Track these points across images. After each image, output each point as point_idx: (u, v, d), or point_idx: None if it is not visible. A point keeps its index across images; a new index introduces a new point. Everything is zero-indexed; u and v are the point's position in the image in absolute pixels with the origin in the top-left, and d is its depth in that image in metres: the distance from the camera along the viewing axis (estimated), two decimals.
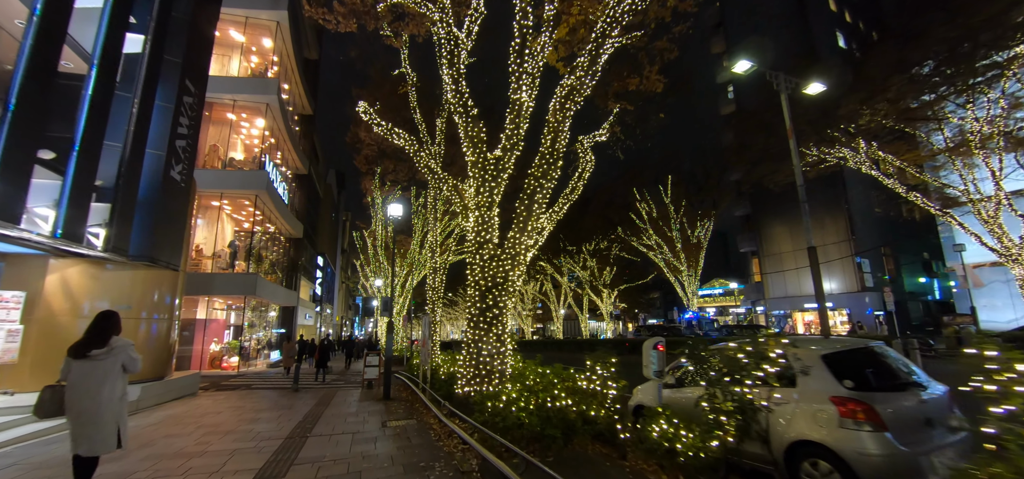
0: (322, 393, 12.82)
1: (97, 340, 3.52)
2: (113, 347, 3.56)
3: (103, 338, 3.55)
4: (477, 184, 8.21)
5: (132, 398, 9.31)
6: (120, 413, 3.56)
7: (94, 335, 3.55)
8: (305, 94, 30.29)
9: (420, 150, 9.67)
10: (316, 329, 41.45)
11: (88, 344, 3.51)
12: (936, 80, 16.66)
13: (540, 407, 5.28)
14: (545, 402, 5.32)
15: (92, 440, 3.39)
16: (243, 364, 21.80)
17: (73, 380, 3.44)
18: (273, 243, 27.79)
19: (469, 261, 8.14)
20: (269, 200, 22.00)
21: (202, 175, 20.25)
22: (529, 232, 8.06)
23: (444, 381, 9.11)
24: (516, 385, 5.97)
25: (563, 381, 5.90)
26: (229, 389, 14.09)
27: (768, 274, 34.00)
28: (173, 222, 11.64)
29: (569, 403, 5.38)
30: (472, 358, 7.55)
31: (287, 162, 28.49)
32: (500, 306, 7.71)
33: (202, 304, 20.58)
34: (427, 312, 11.94)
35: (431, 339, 9.47)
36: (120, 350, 3.60)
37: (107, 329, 3.60)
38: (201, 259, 20.74)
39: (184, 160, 11.89)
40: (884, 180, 18.83)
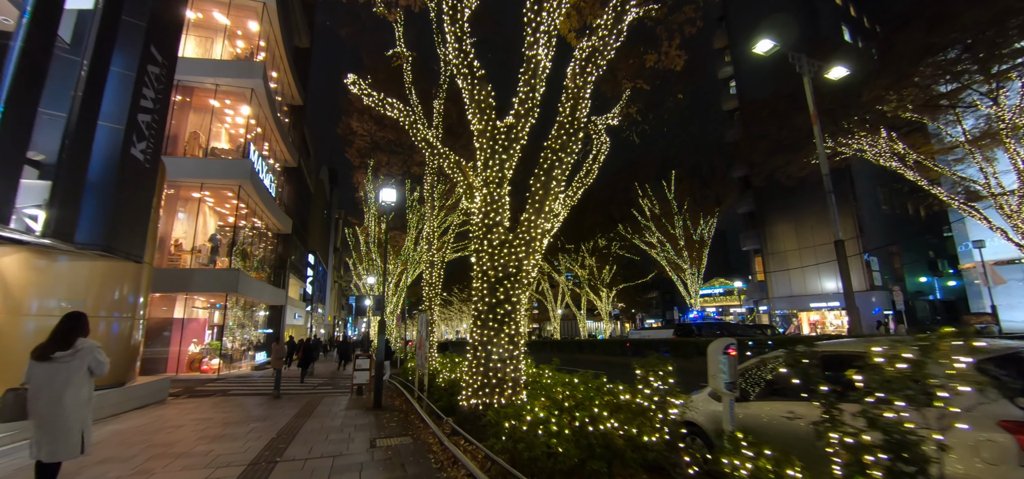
0: (306, 400, 11.41)
1: (62, 342, 3.39)
2: (78, 349, 3.43)
3: (68, 340, 3.41)
4: (485, 156, 6.89)
5: None
6: (85, 418, 3.43)
7: (59, 337, 3.41)
8: (295, 83, 28.75)
9: (416, 122, 8.34)
10: (306, 329, 39.83)
11: (52, 346, 3.38)
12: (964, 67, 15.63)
13: (578, 431, 3.96)
14: (584, 424, 4.00)
15: (54, 446, 3.27)
16: (226, 367, 20.26)
17: (35, 383, 3.32)
18: (260, 239, 26.23)
19: (475, 248, 6.82)
20: (254, 192, 20.49)
21: (181, 164, 18.75)
22: (546, 214, 6.75)
23: (444, 390, 7.75)
24: (540, 400, 4.64)
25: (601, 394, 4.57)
26: (203, 395, 12.63)
27: (772, 273, 32.97)
28: (135, 208, 10.18)
29: (613, 424, 4.07)
30: (480, 364, 6.22)
31: (275, 154, 26.96)
32: (512, 301, 6.40)
33: (180, 303, 19.03)
34: (423, 310, 10.55)
35: (429, 340, 8.11)
36: (86, 352, 3.46)
37: (73, 331, 3.46)
38: (180, 254, 19.21)
39: (149, 138, 10.43)
40: (906, 173, 17.76)
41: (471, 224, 7.04)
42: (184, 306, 19.11)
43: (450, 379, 7.89)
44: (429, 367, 8.46)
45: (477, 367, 6.22)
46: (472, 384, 6.19)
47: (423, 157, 26.87)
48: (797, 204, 30.90)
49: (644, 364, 4.27)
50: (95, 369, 3.50)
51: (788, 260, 31.76)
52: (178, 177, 18.66)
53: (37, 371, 3.34)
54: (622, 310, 45.18)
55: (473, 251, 6.86)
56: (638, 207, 30.83)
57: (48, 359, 3.34)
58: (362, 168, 27.23)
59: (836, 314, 29.17)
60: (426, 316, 8.50)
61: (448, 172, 7.88)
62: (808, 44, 23.53)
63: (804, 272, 30.72)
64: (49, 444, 3.27)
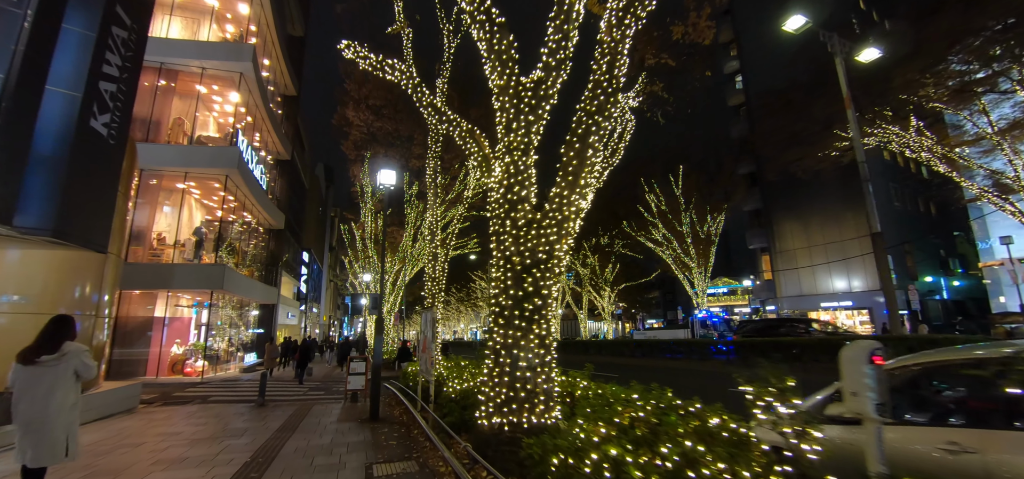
0: (294, 409, 10.07)
1: (48, 345, 3.32)
2: (65, 353, 3.36)
3: (54, 343, 3.34)
4: (507, 119, 5.61)
5: None
6: (70, 422, 3.36)
7: (44, 340, 3.34)
8: (288, 73, 27.35)
9: (420, 85, 7.06)
10: (300, 329, 38.35)
11: (38, 349, 3.31)
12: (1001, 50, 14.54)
13: (673, 474, 2.69)
14: (679, 468, 2.73)
15: (38, 450, 3.21)
16: (212, 369, 18.85)
17: (20, 387, 3.26)
18: (250, 235, 24.80)
19: (494, 229, 5.54)
20: (243, 183, 19.09)
21: (163, 151, 17.34)
22: (580, 189, 5.48)
23: (454, 401, 6.45)
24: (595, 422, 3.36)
25: (682, 416, 3.30)
26: (180, 403, 11.25)
27: (780, 271, 31.88)
28: (97, 190, 8.82)
29: (717, 465, 2.81)
30: (503, 372, 4.93)
31: (267, 145, 25.54)
32: (543, 294, 5.13)
33: (161, 300, 17.60)
34: (428, 307, 9.23)
35: (434, 341, 6.81)
36: (72, 356, 3.39)
37: (59, 334, 3.38)
38: (163, 249, 17.77)
39: (114, 110, 9.07)
40: (937, 165, 16.66)
41: (489, 201, 5.76)
42: (166, 304, 17.67)
43: (462, 389, 6.58)
44: (436, 373, 7.15)
45: (500, 376, 4.92)
46: (494, 397, 4.89)
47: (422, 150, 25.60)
48: (807, 201, 29.84)
49: (757, 377, 3.00)
50: (82, 373, 3.45)
51: (797, 258, 30.68)
52: (160, 165, 17.26)
53: (22, 375, 3.28)
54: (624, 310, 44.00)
55: (492, 234, 5.58)
56: (644, 203, 29.65)
57: (33, 363, 3.28)
58: (358, 161, 25.89)
59: (848, 314, 28.11)
60: (431, 314, 7.19)
61: (459, 143, 6.60)
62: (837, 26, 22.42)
63: (814, 271, 29.65)
64: (33, 448, 3.21)
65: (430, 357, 6.98)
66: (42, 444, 3.22)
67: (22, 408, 3.22)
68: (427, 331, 7.47)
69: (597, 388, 5.40)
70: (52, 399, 3.26)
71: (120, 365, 16.20)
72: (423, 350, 7.66)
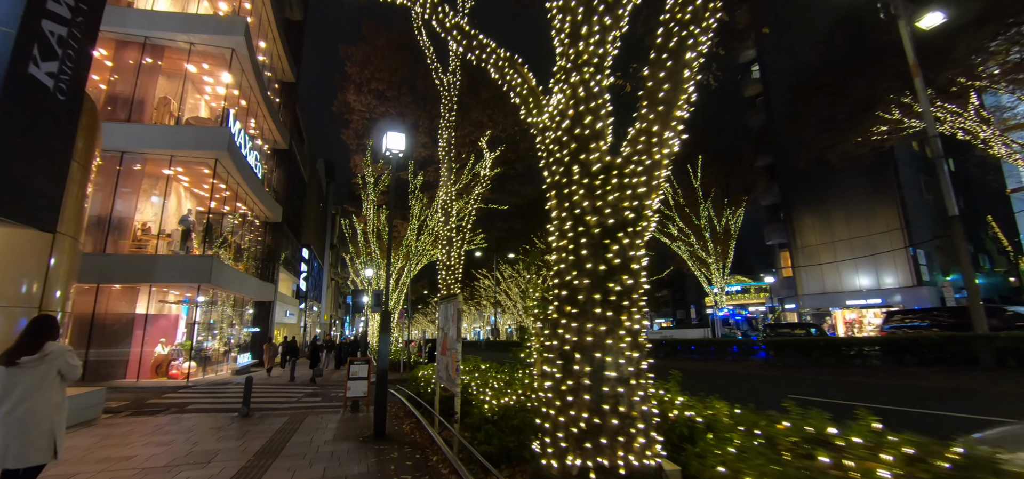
0: (283, 421, 8.37)
1: (28, 346, 3.21)
2: (47, 353, 3.24)
3: (35, 344, 3.22)
4: (573, 23, 3.91)
5: None
6: (56, 422, 3.24)
7: (25, 341, 3.23)
8: (286, 57, 25.68)
9: (440, 4, 5.37)
10: (300, 328, 36.65)
11: (18, 350, 3.20)
12: None
13: None
14: None
15: (21, 451, 3.08)
16: (201, 371, 17.16)
17: (1, 389, 3.13)
18: (246, 227, 23.12)
19: (555, 181, 3.88)
20: (235, 170, 17.41)
21: (146, 132, 15.67)
22: (673, 124, 3.78)
23: (491, 422, 4.73)
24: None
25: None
26: (152, 412, 9.57)
27: (801, 268, 30.16)
28: (40, 153, 7.13)
29: None
30: (580, 386, 3.23)
31: (263, 133, 23.85)
32: (634, 269, 3.46)
33: (144, 296, 15.89)
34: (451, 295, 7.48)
35: (459, 341, 5.10)
36: (56, 356, 3.27)
37: (41, 335, 3.27)
38: (148, 240, 16.06)
39: (64, 60, 7.38)
40: (997, 150, 15.00)
41: (544, 145, 4.07)
42: (149, 300, 15.96)
43: (500, 405, 4.86)
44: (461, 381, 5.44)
45: (575, 393, 3.22)
46: (566, 424, 3.20)
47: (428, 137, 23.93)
48: (831, 194, 28.14)
49: None
50: (66, 373, 3.32)
51: (819, 254, 28.97)
52: (142, 147, 15.58)
53: (3, 376, 3.16)
54: None
55: (550, 188, 3.90)
56: None
57: (14, 364, 3.17)
58: (360, 151, 24.20)
59: (876, 313, 26.40)
60: (454, 305, 5.49)
61: (495, 76, 4.89)
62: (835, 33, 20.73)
63: (838, 267, 27.94)
64: (17, 449, 3.08)
65: (453, 361, 5.28)
66: (25, 446, 3.10)
67: (3, 410, 3.13)
68: (448, 327, 5.77)
69: (712, 409, 3.70)
70: (33, 400, 3.15)
71: (97, 367, 14.51)
72: (442, 351, 5.96)
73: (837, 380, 12.78)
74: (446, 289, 8.61)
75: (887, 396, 9.49)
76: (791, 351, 16.02)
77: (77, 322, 14.97)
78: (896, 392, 10.00)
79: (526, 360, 5.81)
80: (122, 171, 15.93)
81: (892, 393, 9.87)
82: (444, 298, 6.11)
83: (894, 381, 11.85)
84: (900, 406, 8.29)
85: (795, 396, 10.06)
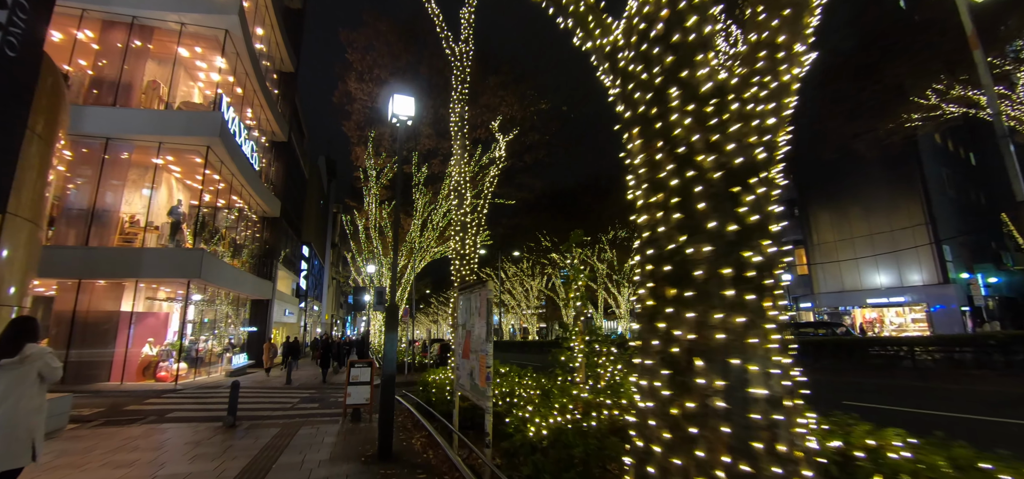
0: (273, 433, 7.21)
1: (7, 348, 3.11)
2: (26, 355, 3.13)
3: (14, 346, 3.12)
4: None
5: None
6: (35, 425, 3.10)
7: (4, 343, 3.12)
8: (284, 45, 24.53)
9: None
10: (299, 327, 35.49)
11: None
12: None
13: None
14: None
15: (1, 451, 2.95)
16: (193, 372, 16.01)
17: None
18: (244, 223, 21.98)
19: (633, 115, 2.69)
20: (228, 158, 16.27)
21: (132, 117, 14.53)
22: (804, 32, 2.61)
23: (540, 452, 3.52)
24: None
25: None
26: (126, 421, 8.42)
27: (818, 265, 28.96)
28: None
29: None
30: (702, 414, 2.03)
31: (260, 123, 22.69)
32: (774, 234, 2.26)
33: (129, 292, 14.72)
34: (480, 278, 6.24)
35: (490, 341, 3.91)
36: (35, 358, 3.16)
37: (20, 337, 3.16)
38: (136, 233, 14.91)
39: (14, 8, 6.24)
40: None
41: (614, 72, 2.91)
42: (135, 297, 14.79)
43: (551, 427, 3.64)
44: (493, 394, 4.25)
45: (699, 422, 2.06)
46: (682, 471, 2.03)
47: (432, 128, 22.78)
48: (850, 188, 26.96)
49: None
50: (46, 376, 3.23)
51: (837, 251, 27.78)
52: (128, 133, 14.44)
53: None
54: None
55: (630, 122, 2.74)
56: None
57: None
58: (361, 143, 23.04)
59: (898, 312, 25.21)
60: (482, 295, 4.30)
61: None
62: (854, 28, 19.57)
63: (858, 264, 26.74)
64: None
65: (480, 366, 4.11)
66: (4, 448, 2.96)
67: None
68: (472, 322, 4.59)
69: (872, 435, 2.53)
70: (13, 403, 3.03)
71: (78, 369, 13.35)
72: (464, 353, 4.79)
73: (877, 382, 11.66)
74: (461, 281, 7.44)
75: (959, 404, 8.33)
76: (828, 351, 14.87)
77: (57, 321, 13.85)
78: (965, 398, 8.84)
79: (569, 364, 4.65)
80: (108, 159, 14.79)
81: (963, 399, 8.71)
82: (466, 287, 4.92)
83: (950, 386, 10.69)
84: (978, 415, 7.13)
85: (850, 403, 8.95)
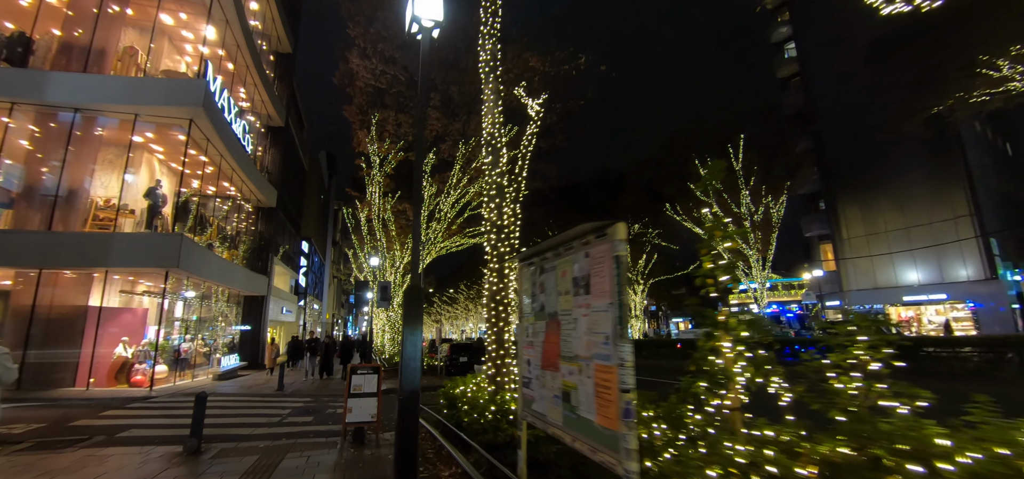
0: (246, 468, 5.26)
1: None
2: None
3: None
4: None
5: None
6: None
7: None
8: (281, 22, 22.58)
9: None
10: (298, 325, 33.50)
11: None
12: None
13: None
14: None
15: None
16: (175, 375, 14.04)
17: None
18: (235, 211, 20.03)
19: None
20: (216, 137, 14.33)
21: (105, 84, 12.58)
22: None
23: None
24: None
25: None
26: (62, 444, 6.47)
27: (847, 261, 27.02)
28: None
29: None
30: None
31: (254, 104, 20.74)
32: None
33: (98, 285, 12.74)
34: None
35: (623, 341, 1.92)
36: None
37: None
38: (110, 217, 12.93)
39: None
40: None
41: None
42: (104, 289, 12.82)
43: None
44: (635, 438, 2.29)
45: None
46: None
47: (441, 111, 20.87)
48: (882, 180, 25.07)
49: None
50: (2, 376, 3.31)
51: (869, 245, 25.85)
52: (99, 101, 12.48)
53: None
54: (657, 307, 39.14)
55: None
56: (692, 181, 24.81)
57: None
58: (364, 128, 21.08)
59: (938, 310, 23.27)
60: (608, 251, 2.36)
61: None
62: None
63: (892, 259, 24.82)
64: None
65: (607, 388, 2.16)
66: None
67: None
68: (571, 310, 2.63)
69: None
70: None
71: (37, 372, 11.40)
72: (547, 363, 2.82)
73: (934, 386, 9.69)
74: (496, 258, 5.51)
75: None
76: None
77: (14, 315, 11.89)
78: None
79: (717, 377, 2.70)
80: (78, 134, 12.86)
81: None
82: (551, 247, 2.94)
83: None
84: None
85: None
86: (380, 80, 19.30)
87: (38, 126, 12.95)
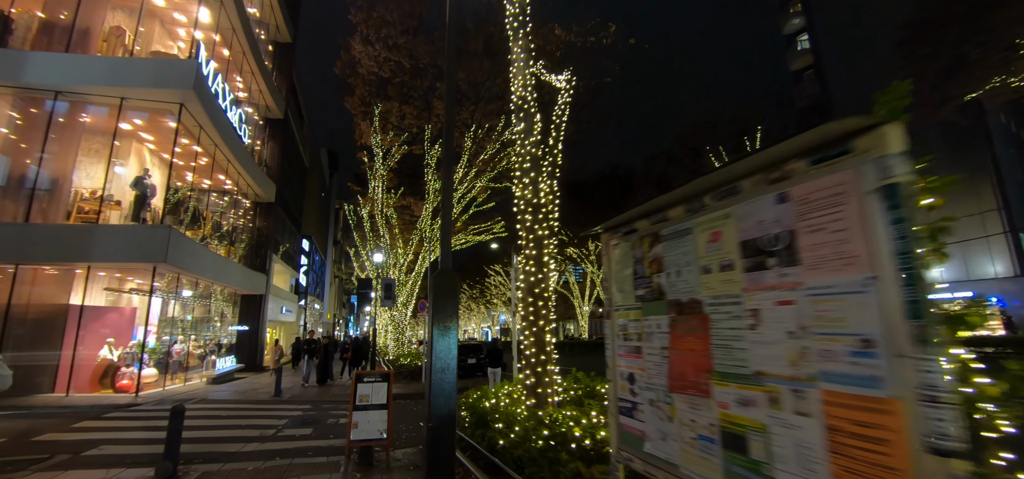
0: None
1: None
2: None
3: None
4: None
5: None
6: None
7: None
8: (280, 11, 21.56)
9: None
10: (299, 325, 32.46)
11: None
12: None
13: None
14: None
15: None
16: (165, 378, 13.01)
17: None
18: (231, 206, 19.00)
19: None
20: (209, 124, 13.31)
21: (88, 65, 11.56)
22: None
23: None
24: None
25: None
26: (15, 467, 5.43)
27: None
28: None
29: None
30: None
31: (252, 94, 19.70)
32: None
33: (79, 282, 11.70)
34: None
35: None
36: None
37: None
38: (95, 209, 11.89)
39: None
40: None
41: None
42: (91, 287, 11.79)
43: None
44: None
45: None
46: None
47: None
48: None
49: None
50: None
51: None
52: (82, 83, 11.44)
53: None
54: None
55: None
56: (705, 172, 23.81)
57: None
58: (366, 120, 20.07)
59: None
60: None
61: None
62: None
63: None
64: None
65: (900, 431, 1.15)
66: None
67: None
68: (743, 294, 1.61)
69: None
70: None
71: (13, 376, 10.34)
72: (677, 383, 1.78)
73: None
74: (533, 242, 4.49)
75: None
76: None
77: None
78: None
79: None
80: (63, 123, 11.84)
81: None
82: (637, 217, 1.92)
83: None
84: None
85: None
86: (383, 68, 18.29)
87: (17, 111, 11.93)
